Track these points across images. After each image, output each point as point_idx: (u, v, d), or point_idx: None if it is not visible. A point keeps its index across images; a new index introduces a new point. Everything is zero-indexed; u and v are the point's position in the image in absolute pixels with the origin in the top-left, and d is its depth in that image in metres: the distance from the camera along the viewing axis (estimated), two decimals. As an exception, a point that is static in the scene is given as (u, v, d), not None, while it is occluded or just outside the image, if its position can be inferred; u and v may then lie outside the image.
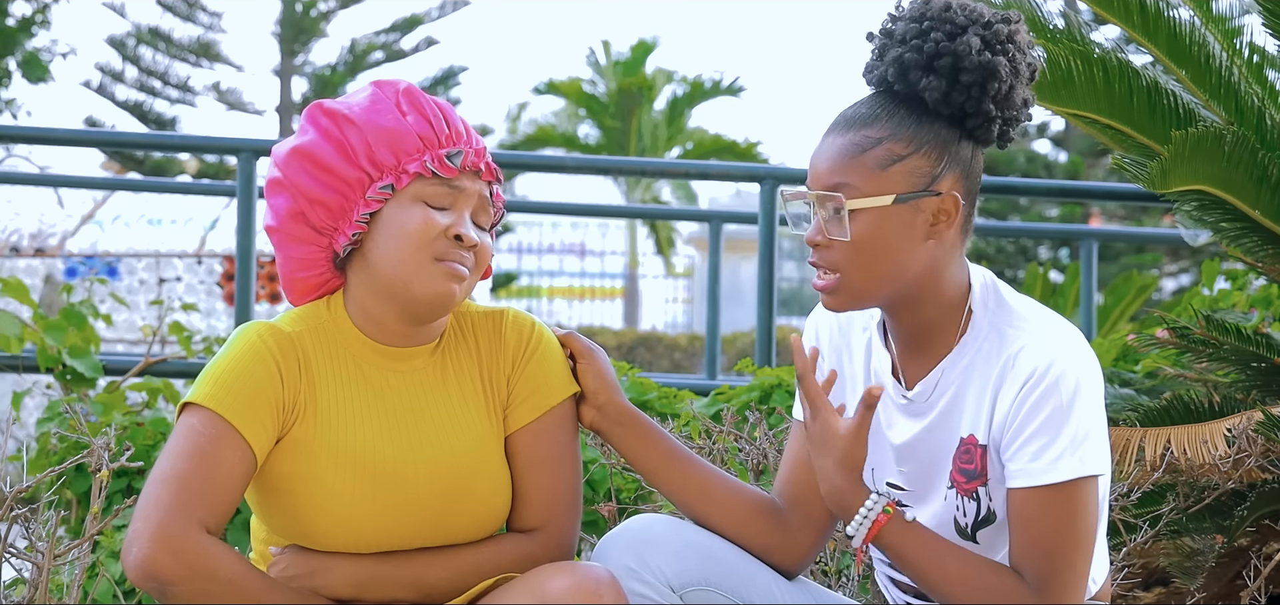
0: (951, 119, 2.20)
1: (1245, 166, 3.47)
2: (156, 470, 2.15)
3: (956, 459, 2.24)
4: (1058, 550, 2.14)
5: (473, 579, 2.24)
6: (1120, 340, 4.66)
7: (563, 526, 2.31)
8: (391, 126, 2.22)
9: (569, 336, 2.40)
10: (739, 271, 21.08)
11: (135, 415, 4.37)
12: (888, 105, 2.21)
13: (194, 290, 12.47)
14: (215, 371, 2.21)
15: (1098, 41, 3.73)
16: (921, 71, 2.17)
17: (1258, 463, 3.27)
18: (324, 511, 2.21)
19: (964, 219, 2.22)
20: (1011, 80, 2.19)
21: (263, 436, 2.19)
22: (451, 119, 2.28)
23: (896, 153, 2.18)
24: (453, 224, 2.23)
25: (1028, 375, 2.15)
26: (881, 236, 2.18)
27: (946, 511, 2.25)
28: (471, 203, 2.26)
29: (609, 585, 2.13)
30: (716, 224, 6.78)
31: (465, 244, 2.23)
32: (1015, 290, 2.30)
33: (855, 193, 2.18)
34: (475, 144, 2.29)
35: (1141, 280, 10.58)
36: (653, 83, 27.22)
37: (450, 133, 2.26)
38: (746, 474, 3.42)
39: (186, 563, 2.07)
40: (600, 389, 2.37)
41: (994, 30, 2.18)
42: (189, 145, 11.62)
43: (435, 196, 2.23)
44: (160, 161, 24.32)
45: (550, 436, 2.32)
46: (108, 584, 3.71)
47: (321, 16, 26.57)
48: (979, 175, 2.25)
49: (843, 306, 2.25)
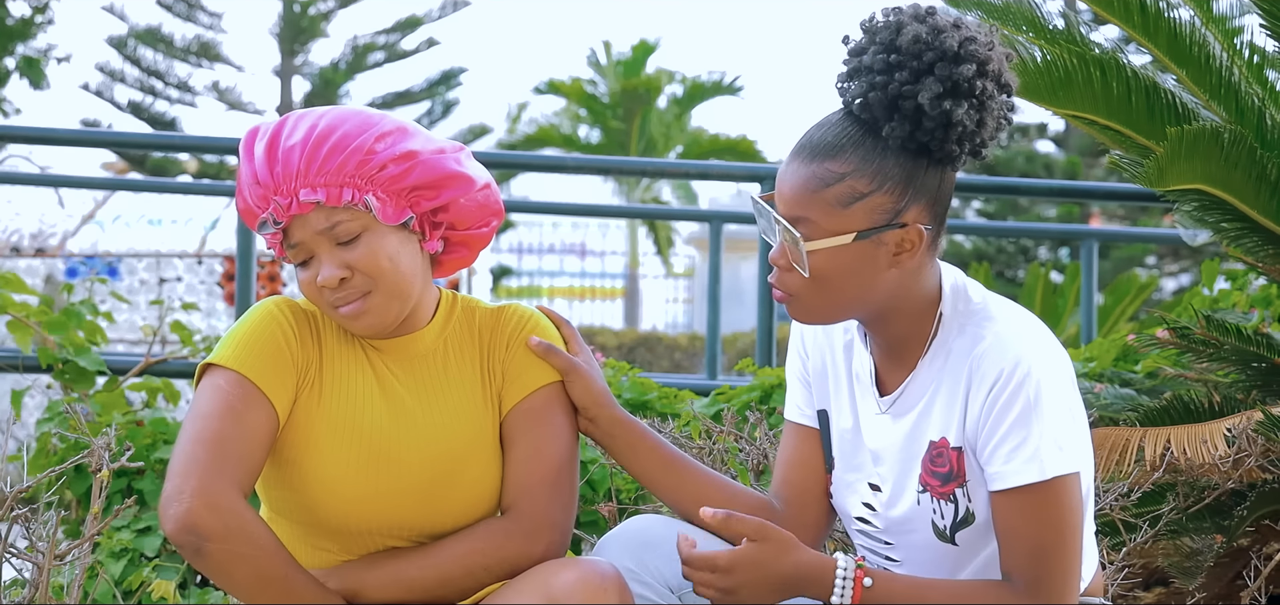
0: (918, 151, 2.16)
1: (1244, 166, 3.46)
2: (188, 429, 2.15)
3: (925, 462, 2.23)
4: (1045, 550, 2.14)
5: (453, 567, 2.24)
6: (1120, 340, 4.66)
7: (536, 505, 2.27)
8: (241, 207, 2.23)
9: (552, 354, 2.34)
10: (739, 271, 21.05)
11: (135, 415, 4.37)
12: (853, 134, 2.16)
13: (194, 290, 12.47)
14: (237, 335, 2.23)
15: (1097, 42, 3.73)
16: (886, 111, 2.13)
17: (1258, 463, 3.27)
18: (320, 483, 2.23)
19: (931, 240, 2.20)
20: (976, 121, 2.14)
21: (283, 397, 2.21)
22: (257, 175, 2.19)
23: (858, 190, 2.14)
24: (314, 273, 2.21)
25: (995, 377, 2.14)
26: (841, 270, 2.16)
27: (922, 515, 2.24)
28: (321, 241, 2.19)
29: (614, 581, 2.13)
30: (717, 224, 6.77)
31: (331, 286, 2.19)
32: (997, 293, 2.28)
33: (816, 231, 2.15)
34: (276, 184, 2.17)
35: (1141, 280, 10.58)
36: (653, 83, 27.22)
37: (259, 194, 2.20)
38: (746, 474, 3.42)
39: (225, 521, 2.08)
40: (590, 403, 2.35)
41: (959, 71, 2.11)
42: (189, 145, 11.63)
43: (293, 258, 2.23)
44: (161, 161, 24.32)
45: (532, 417, 2.31)
46: (107, 585, 3.71)
47: (321, 16, 26.56)
48: (949, 194, 2.21)
49: (805, 321, 2.25)
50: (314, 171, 2.17)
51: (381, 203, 2.19)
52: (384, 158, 2.19)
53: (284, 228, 2.21)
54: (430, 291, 2.34)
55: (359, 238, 2.19)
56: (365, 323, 2.22)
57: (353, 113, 2.23)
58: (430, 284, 2.34)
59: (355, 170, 2.17)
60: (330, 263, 2.19)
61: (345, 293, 2.20)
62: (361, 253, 2.19)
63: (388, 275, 2.20)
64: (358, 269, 2.19)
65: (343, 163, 2.17)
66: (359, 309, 2.21)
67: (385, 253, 2.20)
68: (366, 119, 2.22)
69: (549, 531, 2.27)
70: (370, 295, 2.20)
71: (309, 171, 2.17)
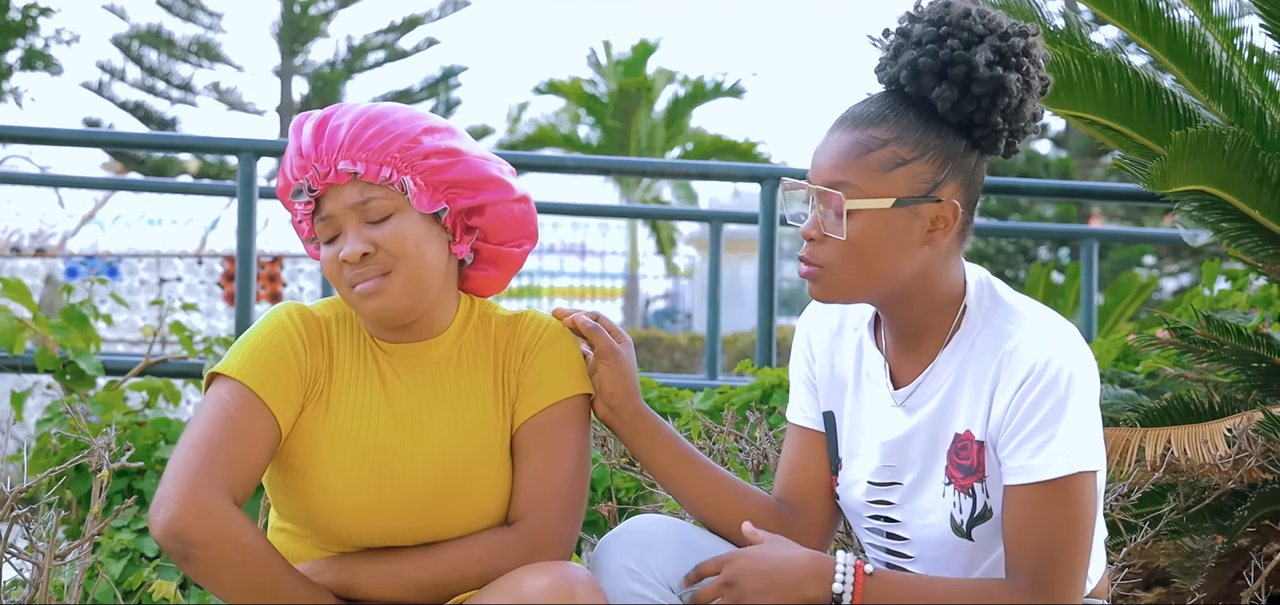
0: (959, 127, 2.19)
1: (1245, 167, 3.47)
2: (186, 436, 2.17)
3: (951, 454, 2.23)
4: (1056, 547, 2.14)
5: (449, 573, 2.24)
6: (1121, 340, 4.66)
7: (544, 520, 2.27)
8: (282, 185, 2.28)
9: (596, 334, 2.36)
10: (739, 271, 21.07)
11: (136, 416, 4.37)
12: (897, 106, 2.20)
13: (194, 290, 12.48)
14: (244, 345, 2.24)
15: (1097, 42, 3.73)
16: (934, 78, 2.16)
17: (1258, 463, 3.27)
18: (323, 493, 2.23)
19: (962, 226, 2.22)
20: (1022, 95, 2.19)
21: (287, 409, 2.22)
22: (301, 144, 2.24)
23: (901, 156, 2.17)
24: (338, 249, 2.22)
25: (1027, 372, 2.15)
26: (877, 238, 2.18)
27: (943, 508, 2.25)
28: (350, 215, 2.21)
29: (585, 585, 2.13)
30: (717, 224, 6.78)
31: (352, 261, 2.20)
32: (1013, 289, 2.30)
33: (856, 193, 2.17)
34: (315, 162, 2.21)
35: (1141, 281, 10.58)
36: (653, 83, 27.24)
37: (299, 160, 2.24)
38: (747, 474, 3.42)
39: (212, 527, 2.09)
40: (616, 390, 2.35)
41: (1010, 43, 2.17)
42: (189, 145, 11.64)
43: (322, 232, 2.25)
44: (161, 162, 24.34)
45: (547, 431, 2.30)
46: (108, 585, 3.71)
47: (321, 16, 26.58)
48: (980, 184, 2.24)
49: (828, 299, 2.24)
50: (357, 146, 2.19)
51: (418, 189, 2.20)
52: (428, 147, 2.21)
53: (317, 198, 2.22)
54: (450, 298, 2.31)
55: (389, 217, 2.20)
56: (378, 302, 2.20)
57: (406, 108, 2.28)
58: (452, 290, 2.32)
59: (398, 152, 2.20)
60: (356, 238, 2.20)
61: (365, 269, 2.20)
62: (389, 232, 2.19)
63: (410, 259, 2.20)
64: (382, 247, 2.19)
65: (387, 143, 2.19)
66: (375, 288, 2.20)
67: (412, 237, 2.20)
68: (418, 114, 2.26)
69: (556, 547, 2.27)
70: (389, 275, 2.20)
71: (352, 145, 2.19)
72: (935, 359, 2.25)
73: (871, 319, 2.35)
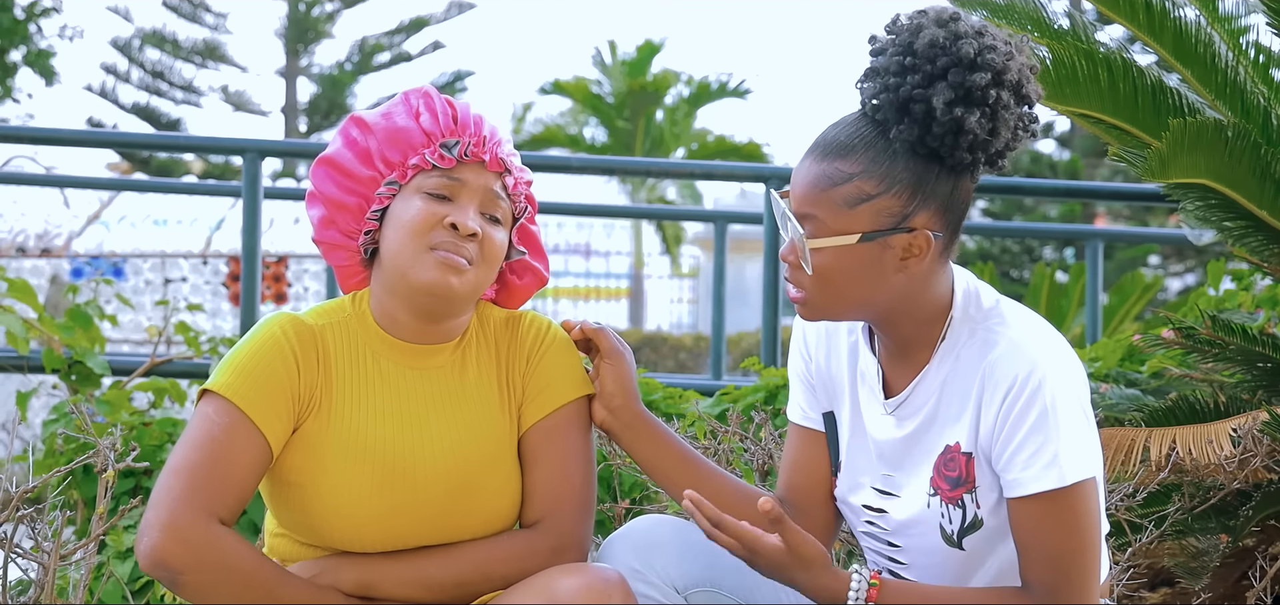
0: (929, 156, 2.14)
1: (1249, 163, 3.46)
2: (171, 460, 2.17)
3: (939, 466, 2.22)
4: (1064, 556, 2.14)
5: (472, 573, 2.24)
6: (1126, 340, 4.65)
7: (565, 521, 2.29)
8: (401, 126, 2.27)
9: (600, 334, 2.39)
10: (744, 271, 21.05)
11: (141, 416, 4.38)
12: (866, 134, 2.15)
13: (199, 290, 12.49)
14: (234, 360, 2.23)
15: (1102, 41, 3.73)
16: (897, 113, 2.12)
17: (1263, 463, 3.27)
18: (331, 507, 2.22)
19: (942, 247, 2.18)
20: (990, 128, 2.12)
21: (278, 428, 2.21)
22: (459, 113, 2.30)
23: (866, 191, 2.13)
24: (450, 213, 2.24)
25: (1010, 384, 2.13)
26: (845, 271, 2.15)
27: (930, 518, 2.24)
28: (476, 195, 2.27)
29: (618, 586, 2.14)
30: (722, 224, 6.78)
31: (462, 232, 2.23)
32: (1001, 293, 2.28)
33: (821, 229, 2.14)
34: (479, 136, 2.29)
35: (1146, 280, 10.57)
36: (659, 84, 27.22)
37: (454, 126, 2.28)
38: (752, 474, 3.42)
39: (196, 553, 2.09)
40: (616, 392, 2.36)
41: (972, 79, 2.09)
42: (194, 146, 11.63)
43: (436, 187, 2.26)
44: (166, 162, 24.35)
45: (557, 433, 2.32)
46: (114, 584, 3.71)
47: (326, 17, 26.60)
48: (965, 201, 2.19)
49: (814, 319, 2.24)
50: (508, 153, 2.33)
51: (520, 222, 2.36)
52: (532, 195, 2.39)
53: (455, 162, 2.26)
54: (472, 309, 2.36)
55: (498, 222, 2.30)
56: (457, 280, 2.23)
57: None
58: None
59: (527, 182, 2.36)
60: (476, 217, 2.26)
61: (465, 247, 2.24)
62: (494, 234, 2.28)
63: (491, 267, 2.29)
64: (485, 241, 2.26)
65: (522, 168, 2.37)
66: (463, 265, 2.24)
67: (501, 250, 2.31)
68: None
69: (576, 549, 2.29)
70: (474, 266, 2.25)
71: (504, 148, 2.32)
72: (924, 371, 2.23)
73: (866, 324, 2.33)
